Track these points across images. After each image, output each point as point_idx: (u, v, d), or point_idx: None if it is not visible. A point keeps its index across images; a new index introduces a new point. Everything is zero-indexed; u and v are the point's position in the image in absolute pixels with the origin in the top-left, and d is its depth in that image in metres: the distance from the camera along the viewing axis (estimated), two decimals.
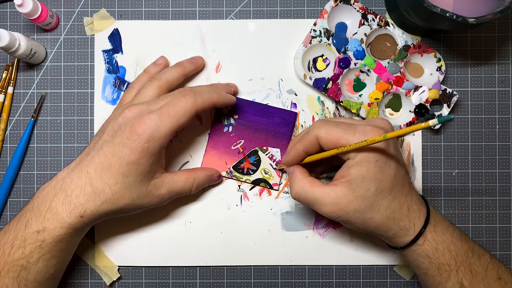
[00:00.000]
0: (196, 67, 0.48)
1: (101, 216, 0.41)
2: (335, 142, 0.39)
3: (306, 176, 0.42)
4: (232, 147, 0.49)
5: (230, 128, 0.49)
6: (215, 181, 0.48)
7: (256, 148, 0.49)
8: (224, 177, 0.49)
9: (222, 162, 0.49)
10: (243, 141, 0.49)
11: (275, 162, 0.49)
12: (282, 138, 0.49)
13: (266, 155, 0.49)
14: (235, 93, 0.49)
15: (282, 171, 0.49)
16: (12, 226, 0.40)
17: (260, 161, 0.49)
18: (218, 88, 0.45)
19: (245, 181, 0.49)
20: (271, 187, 0.49)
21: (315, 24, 0.48)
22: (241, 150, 0.49)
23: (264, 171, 0.49)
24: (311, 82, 0.48)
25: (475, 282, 0.39)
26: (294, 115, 0.49)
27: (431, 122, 0.33)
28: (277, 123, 0.49)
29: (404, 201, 0.40)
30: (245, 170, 0.49)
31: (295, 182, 0.41)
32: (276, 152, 0.49)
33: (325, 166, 0.48)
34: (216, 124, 0.49)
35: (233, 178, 0.49)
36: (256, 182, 0.49)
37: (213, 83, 0.48)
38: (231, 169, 0.49)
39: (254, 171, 0.49)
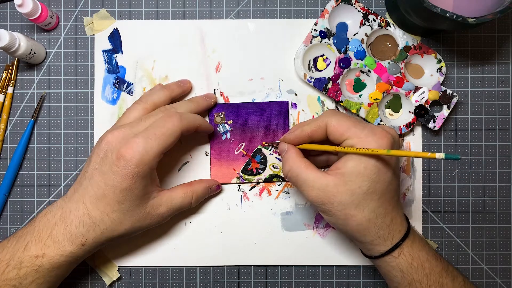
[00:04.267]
0: (183, 91, 0.48)
1: (102, 244, 0.42)
2: (343, 132, 0.39)
3: (301, 157, 0.41)
4: (235, 152, 0.49)
5: (228, 134, 0.49)
6: (214, 191, 0.48)
7: (259, 146, 0.49)
8: (236, 183, 0.49)
9: (229, 170, 0.49)
10: (244, 143, 0.49)
11: (270, 148, 0.48)
12: (280, 129, 0.49)
13: (270, 150, 0.49)
14: (214, 103, 0.48)
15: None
16: (11, 244, 0.40)
17: (266, 157, 0.49)
18: (197, 101, 0.46)
19: (257, 182, 0.49)
20: (284, 180, 0.49)
21: (316, 24, 0.48)
22: (245, 153, 0.49)
23: (273, 166, 0.49)
24: (311, 82, 0.48)
25: None
26: (286, 104, 0.49)
27: (438, 155, 0.33)
28: (271, 116, 0.49)
29: (390, 211, 0.39)
30: (254, 170, 0.49)
31: (290, 160, 0.41)
32: None
33: (324, 162, 0.47)
34: (214, 135, 0.49)
35: (245, 182, 0.49)
36: (268, 179, 0.49)
37: (191, 97, 0.48)
38: (240, 173, 0.49)
39: (263, 169, 0.49)
